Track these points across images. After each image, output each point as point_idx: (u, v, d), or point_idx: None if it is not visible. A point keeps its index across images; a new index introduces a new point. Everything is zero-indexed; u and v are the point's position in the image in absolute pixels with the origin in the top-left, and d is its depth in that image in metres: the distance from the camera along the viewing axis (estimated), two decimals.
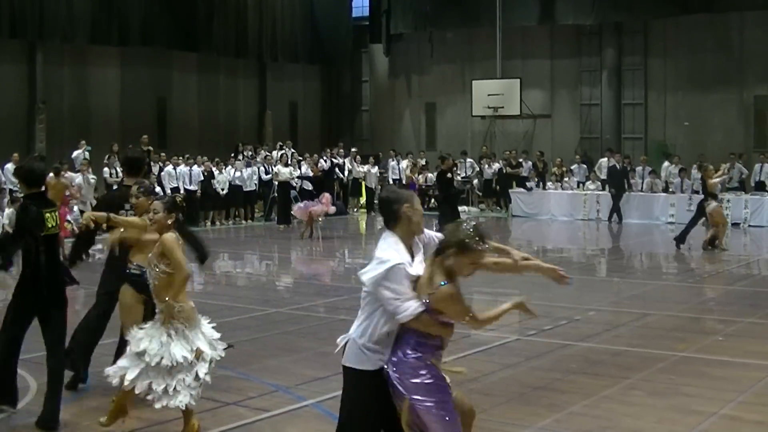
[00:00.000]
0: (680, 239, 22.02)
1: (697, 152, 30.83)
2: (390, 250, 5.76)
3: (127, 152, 9.79)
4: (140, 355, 7.62)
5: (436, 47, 39.58)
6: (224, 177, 29.82)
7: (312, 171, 28.22)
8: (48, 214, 8.13)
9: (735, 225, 27.19)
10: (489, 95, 36.23)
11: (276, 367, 9.87)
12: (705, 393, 9.07)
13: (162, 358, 7.55)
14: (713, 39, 33.88)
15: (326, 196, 25.34)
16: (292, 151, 33.36)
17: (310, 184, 29.53)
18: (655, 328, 11.56)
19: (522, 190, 32.39)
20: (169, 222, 7.85)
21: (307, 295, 16.14)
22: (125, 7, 32.39)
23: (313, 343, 11.60)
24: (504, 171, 33.60)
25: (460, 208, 33.92)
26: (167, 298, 7.62)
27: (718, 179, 22.37)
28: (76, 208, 24.22)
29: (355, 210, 34.65)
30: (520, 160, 33.94)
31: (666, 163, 31.01)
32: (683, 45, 34.66)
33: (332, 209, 25.90)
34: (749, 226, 27.39)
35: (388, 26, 40.29)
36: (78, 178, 26.27)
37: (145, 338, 7.67)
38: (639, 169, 31.01)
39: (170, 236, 7.76)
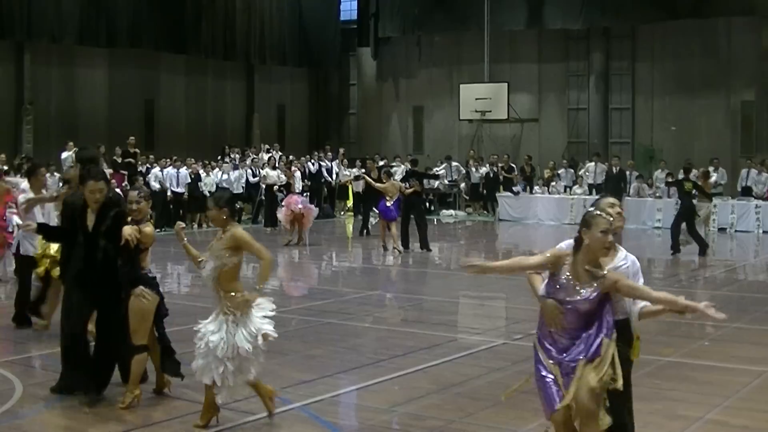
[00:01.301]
0: (675, 247, 21.79)
1: (684, 157, 30.89)
2: None
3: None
4: (211, 350, 7.86)
5: (424, 51, 39.62)
6: (211, 179, 29.77)
7: (286, 175, 28.04)
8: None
9: (722, 230, 27.34)
10: (477, 99, 36.33)
11: (262, 370, 9.84)
12: (691, 398, 9.09)
13: (226, 348, 7.82)
14: (701, 44, 34.02)
15: (293, 198, 24.55)
16: (280, 153, 33.34)
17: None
18: (641, 332, 11.54)
19: (509, 194, 32.42)
20: (225, 217, 8.15)
21: (294, 297, 16.13)
22: (113, 8, 32.37)
23: (299, 346, 11.57)
24: (500, 176, 33.49)
25: (446, 212, 34.25)
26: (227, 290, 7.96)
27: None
28: (16, 218, 22.19)
29: (342, 213, 34.61)
30: (512, 164, 34.00)
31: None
32: (671, 50, 34.78)
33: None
34: (736, 231, 27.47)
35: (376, 29, 40.31)
36: (23, 183, 24.46)
37: (213, 333, 7.90)
38: (626, 173, 31.01)
39: (242, 230, 8.14)
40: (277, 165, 29.69)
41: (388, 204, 22.39)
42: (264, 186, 28.92)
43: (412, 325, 13.02)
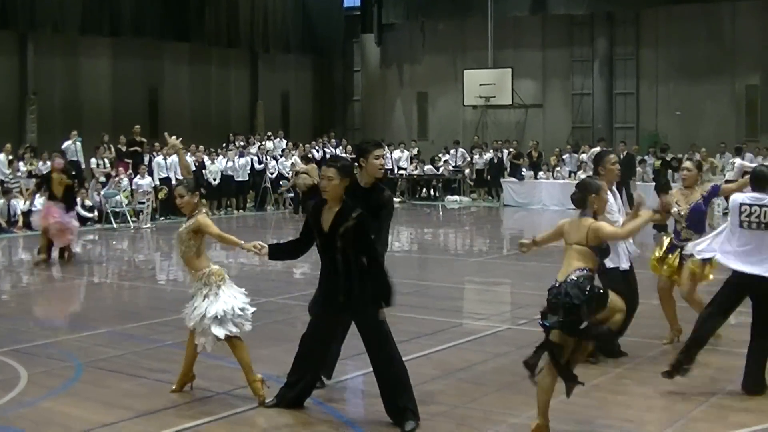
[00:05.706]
0: None
1: (689, 142, 30.90)
2: None
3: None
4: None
5: (427, 37, 39.53)
6: (216, 167, 29.86)
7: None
8: None
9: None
10: (480, 85, 36.26)
11: (267, 357, 9.87)
12: (695, 381, 9.06)
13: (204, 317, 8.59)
14: (705, 29, 33.90)
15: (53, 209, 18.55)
16: (285, 141, 33.39)
17: None
18: (645, 317, 11.54)
19: (514, 179, 32.40)
20: (195, 201, 8.70)
21: (299, 284, 16.11)
22: None
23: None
24: (509, 162, 33.42)
25: (451, 198, 34.20)
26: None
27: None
28: None
29: None
30: (521, 152, 33.96)
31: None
32: (675, 35, 34.67)
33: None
34: None
35: (379, 16, 40.29)
36: None
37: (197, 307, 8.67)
38: (635, 158, 30.90)
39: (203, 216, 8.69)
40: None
41: None
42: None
43: (417, 310, 13.02)
